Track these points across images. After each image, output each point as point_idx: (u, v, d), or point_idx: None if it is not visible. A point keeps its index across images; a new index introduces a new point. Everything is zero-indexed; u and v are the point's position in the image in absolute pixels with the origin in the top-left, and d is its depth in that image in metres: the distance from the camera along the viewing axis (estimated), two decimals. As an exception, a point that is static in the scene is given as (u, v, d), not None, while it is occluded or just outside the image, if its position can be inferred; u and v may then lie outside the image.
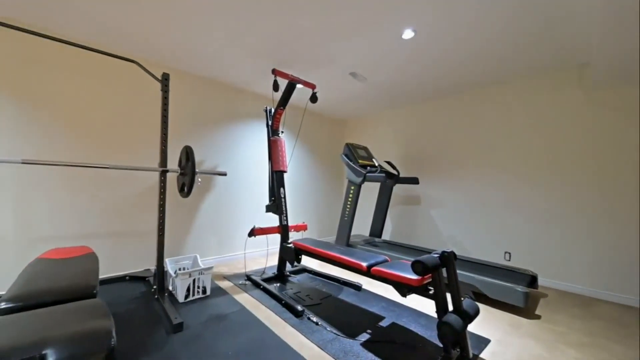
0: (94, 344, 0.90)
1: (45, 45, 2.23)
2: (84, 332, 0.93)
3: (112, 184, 2.52)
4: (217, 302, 2.12)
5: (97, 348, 0.90)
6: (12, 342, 0.87)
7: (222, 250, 3.17)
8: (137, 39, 2.32)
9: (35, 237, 2.21)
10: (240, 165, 3.33)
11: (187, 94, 2.94)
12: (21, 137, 2.15)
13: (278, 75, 2.30)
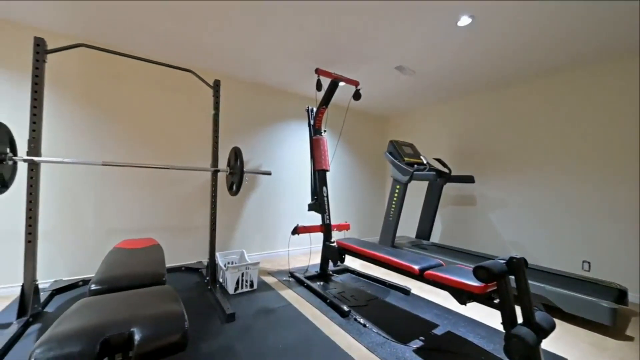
0: (171, 325, 1.02)
1: (116, 62, 2.59)
2: (163, 314, 1.06)
3: (170, 183, 2.83)
4: (263, 296, 2.23)
5: (174, 329, 1.02)
6: (106, 319, 1.03)
7: (265, 247, 3.34)
8: (193, 50, 2.56)
9: (109, 229, 2.59)
10: (283, 164, 3.48)
11: (235, 98, 3.16)
12: (99, 142, 2.54)
13: (321, 74, 2.35)
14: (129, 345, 0.98)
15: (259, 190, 3.30)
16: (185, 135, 2.89)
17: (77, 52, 2.41)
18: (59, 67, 2.36)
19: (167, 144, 2.81)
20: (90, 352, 0.89)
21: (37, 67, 1.81)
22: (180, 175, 2.86)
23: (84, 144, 2.47)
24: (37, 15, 2.12)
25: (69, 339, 0.91)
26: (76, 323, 1.00)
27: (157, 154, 2.75)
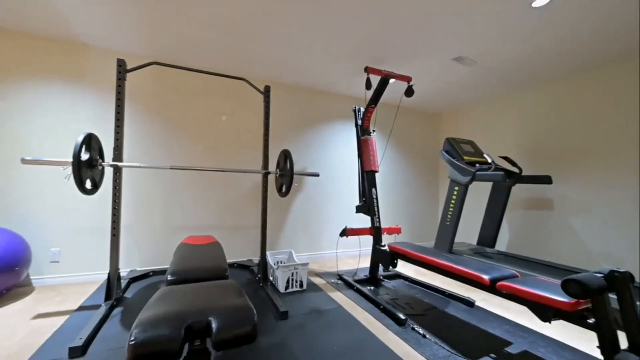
0: (243, 318, 1.11)
1: (179, 76, 2.90)
2: (235, 307, 1.15)
3: (224, 185, 3.07)
4: (313, 296, 2.29)
5: (246, 321, 1.10)
6: (187, 307, 1.17)
7: (312, 248, 3.42)
8: (245, 60, 2.75)
9: (174, 226, 2.92)
10: (329, 165, 3.54)
11: (282, 102, 3.31)
12: (167, 148, 2.89)
13: (371, 72, 2.33)
14: (207, 332, 1.10)
15: (305, 191, 3.40)
16: (238, 139, 3.12)
17: (148, 68, 2.79)
18: (133, 83, 2.75)
19: (223, 148, 3.06)
20: (177, 336, 1.02)
21: (120, 85, 2.14)
22: (233, 178, 3.10)
23: (154, 150, 2.83)
24: (118, 41, 2.49)
25: (159, 323, 1.05)
26: (162, 309, 1.14)
27: (214, 158, 3.02)
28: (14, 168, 2.39)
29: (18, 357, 1.49)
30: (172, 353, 0.99)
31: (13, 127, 2.39)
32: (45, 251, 2.48)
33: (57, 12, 2.10)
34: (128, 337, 0.98)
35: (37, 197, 2.46)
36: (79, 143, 1.77)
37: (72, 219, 2.56)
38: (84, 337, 1.62)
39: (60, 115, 2.52)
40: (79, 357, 1.51)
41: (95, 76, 2.62)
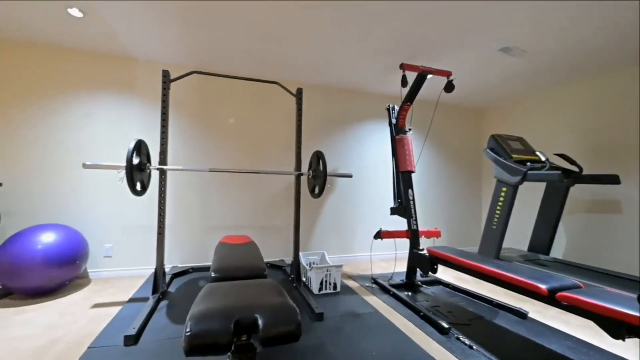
0: (289, 316, 1.14)
1: (215, 83, 3.08)
2: (280, 305, 1.19)
3: (258, 187, 3.19)
4: (347, 299, 2.28)
5: (291, 320, 1.13)
6: (235, 304, 1.23)
7: (344, 250, 3.42)
8: (278, 64, 2.85)
9: (211, 226, 3.08)
10: (361, 166, 3.52)
11: (313, 104, 3.36)
12: (205, 152, 3.07)
13: (407, 69, 2.28)
14: (253, 328, 1.15)
15: (337, 192, 3.42)
16: (271, 141, 3.23)
17: (187, 77, 2.99)
18: (174, 91, 2.97)
19: (256, 151, 3.19)
20: (227, 329, 1.08)
21: (165, 94, 2.32)
22: (265, 179, 3.21)
23: (192, 153, 3.02)
24: (162, 53, 2.72)
25: (211, 317, 1.11)
26: (212, 304, 1.21)
27: (248, 160, 3.15)
28: (76, 172, 2.70)
29: (82, 342, 1.67)
30: (223, 346, 1.05)
31: (75, 136, 2.70)
32: (100, 247, 2.76)
33: (112, 31, 2.34)
34: (184, 329, 1.06)
35: (93, 197, 2.75)
36: (130, 149, 1.96)
37: (122, 218, 2.82)
38: (137, 326, 1.77)
39: (114, 123, 2.80)
40: (133, 345, 1.65)
41: (142, 87, 2.87)
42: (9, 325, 1.82)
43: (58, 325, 1.84)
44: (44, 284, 2.22)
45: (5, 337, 1.69)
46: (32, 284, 2.16)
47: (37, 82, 2.62)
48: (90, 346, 1.62)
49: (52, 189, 2.66)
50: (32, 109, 2.62)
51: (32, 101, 2.62)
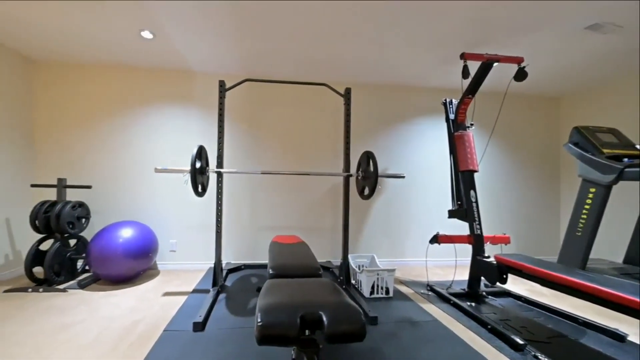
0: (353, 315, 1.17)
1: (265, 88, 3.26)
2: (344, 304, 1.23)
3: (304, 188, 3.29)
4: (402, 306, 2.22)
5: (356, 319, 1.16)
6: (299, 299, 1.30)
7: (394, 254, 3.34)
8: (326, 66, 2.92)
9: (260, 226, 3.27)
10: (413, 166, 3.41)
11: (361, 103, 3.36)
12: (255, 155, 3.27)
13: (468, 58, 2.15)
14: (317, 325, 1.20)
15: (386, 193, 3.36)
16: (317, 143, 3.31)
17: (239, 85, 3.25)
18: (227, 99, 3.23)
19: (304, 153, 3.30)
20: (294, 323, 1.14)
21: (221, 102, 2.54)
22: (312, 181, 3.29)
23: (244, 156, 3.25)
24: (216, 65, 2.99)
25: (280, 310, 1.19)
26: (278, 299, 1.29)
27: (296, 162, 3.28)
28: (148, 176, 3.11)
29: (158, 325, 1.92)
30: (291, 338, 1.12)
31: (148, 144, 3.12)
32: (166, 242, 3.13)
33: (175, 48, 2.66)
34: (255, 319, 1.15)
35: (161, 198, 3.13)
36: (194, 154, 2.19)
37: (184, 217, 3.16)
38: (202, 315, 1.97)
39: (177, 131, 3.16)
40: (200, 331, 1.84)
41: (199, 96, 3.19)
42: (101, 306, 2.17)
43: (138, 309, 2.14)
44: (125, 273, 2.59)
45: (100, 316, 2.02)
46: (115, 272, 2.54)
47: (118, 98, 3.09)
48: (166, 329, 1.85)
49: (130, 191, 3.10)
50: (115, 122, 3.09)
51: (115, 115, 3.09)
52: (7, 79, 2.70)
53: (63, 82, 3.04)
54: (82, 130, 3.05)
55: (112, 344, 1.69)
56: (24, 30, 2.41)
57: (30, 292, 2.41)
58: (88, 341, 1.71)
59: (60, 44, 2.64)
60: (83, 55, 2.86)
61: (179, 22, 2.25)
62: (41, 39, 2.53)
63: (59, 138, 3.03)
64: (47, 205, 2.57)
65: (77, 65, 3.04)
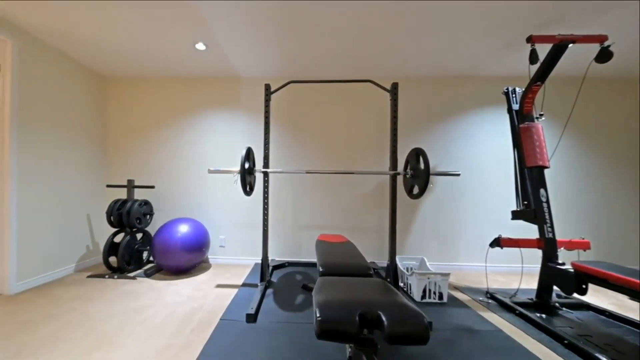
0: (415, 317, 1.14)
1: (307, 89, 3.34)
2: (404, 305, 1.21)
3: (347, 187, 3.29)
4: (457, 312, 2.11)
5: (419, 322, 1.13)
6: (357, 297, 1.31)
7: (445, 257, 3.18)
8: (369, 61, 2.88)
9: (303, 224, 3.35)
10: (466, 163, 3.21)
11: (409, 98, 3.26)
12: (298, 154, 3.37)
13: (537, 41, 1.95)
14: (376, 324, 1.20)
15: (436, 192, 3.21)
16: (360, 141, 3.29)
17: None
18: (272, 100, 3.38)
19: (347, 151, 3.30)
20: (353, 320, 1.15)
21: (267, 104, 2.66)
22: (355, 180, 3.28)
23: (287, 156, 3.36)
24: (262, 69, 3.14)
25: (338, 306, 1.21)
26: (332, 296, 1.32)
27: (338, 161, 3.30)
28: (202, 176, 3.40)
29: (215, 313, 2.08)
30: (350, 335, 1.13)
31: (201, 147, 3.40)
32: (216, 238, 3.37)
33: (225, 57, 2.86)
34: (314, 314, 1.19)
35: (212, 197, 3.39)
36: (244, 155, 2.32)
37: (232, 215, 3.37)
38: (254, 307, 2.09)
39: (225, 134, 3.39)
40: (252, 322, 1.96)
41: (245, 100, 3.39)
42: (165, 294, 2.42)
43: (196, 298, 2.34)
44: (182, 265, 2.85)
45: (165, 302, 2.26)
46: (174, 263, 2.81)
47: (175, 106, 3.43)
48: (222, 318, 2.00)
49: (186, 190, 3.41)
50: (173, 128, 3.43)
51: (172, 121, 3.43)
52: (85, 94, 3.16)
53: (130, 94, 3.47)
54: (145, 136, 3.44)
55: (177, 327, 1.88)
56: (97, 51, 2.80)
57: (107, 278, 2.78)
58: (158, 323, 1.93)
59: (127, 62, 3.04)
60: (146, 71, 3.25)
61: (228, 32, 2.42)
62: (111, 58, 2.92)
63: (127, 144, 3.46)
64: (119, 203, 2.95)
65: (141, 79, 3.45)
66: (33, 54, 2.53)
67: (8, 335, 1.75)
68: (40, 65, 2.60)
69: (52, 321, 1.93)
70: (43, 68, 2.63)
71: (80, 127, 3.09)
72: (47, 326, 1.86)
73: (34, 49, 2.54)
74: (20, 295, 2.34)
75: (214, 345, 1.69)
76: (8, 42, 2.34)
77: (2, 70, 2.36)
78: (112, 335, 1.77)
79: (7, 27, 2.32)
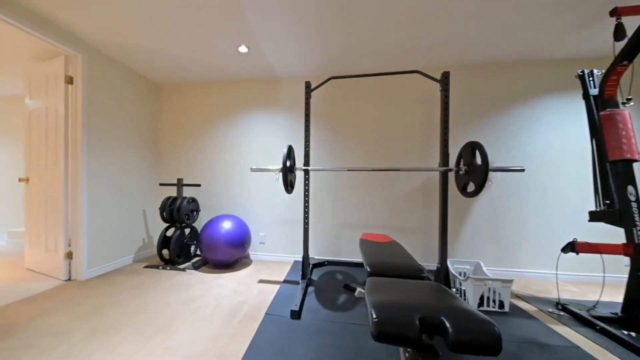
0: (484, 325, 1.04)
1: (344, 84, 3.29)
2: (471, 312, 1.11)
3: (390, 185, 3.17)
4: (523, 324, 1.90)
5: (489, 330, 1.03)
6: (416, 300, 1.24)
7: (501, 262, 2.92)
8: (416, 52, 2.75)
9: (342, 223, 3.30)
10: (528, 157, 2.90)
11: (461, 87, 3.05)
12: (338, 151, 3.33)
13: (623, 14, 1.70)
14: (438, 330, 1.12)
15: (492, 190, 2.95)
16: (405, 135, 3.16)
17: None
18: (312, 98, 3.38)
19: (390, 147, 3.18)
20: (413, 324, 1.09)
21: (307, 102, 2.65)
22: (399, 177, 3.16)
23: (327, 153, 3.34)
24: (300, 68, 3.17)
25: (395, 308, 1.16)
26: (388, 297, 1.26)
27: (382, 157, 3.20)
28: (244, 174, 3.53)
29: (260, 307, 2.13)
30: (411, 339, 1.07)
31: (243, 146, 3.53)
32: (257, 234, 3.47)
33: (265, 58, 2.94)
34: (369, 315, 1.15)
35: (253, 194, 3.50)
36: (285, 153, 2.34)
37: (271, 212, 3.45)
38: (298, 304, 2.10)
39: (265, 134, 3.48)
40: (297, 319, 1.97)
41: (285, 100, 3.44)
42: (212, 286, 2.54)
43: (241, 291, 2.43)
44: (226, 259, 2.98)
45: (213, 294, 2.37)
46: (219, 258, 2.95)
47: (219, 108, 3.61)
48: (267, 312, 2.05)
49: (229, 188, 3.57)
50: (216, 129, 3.62)
51: (216, 123, 3.62)
52: (140, 100, 3.46)
53: (178, 99, 3.74)
54: (192, 138, 3.68)
55: (225, 319, 1.96)
56: (149, 60, 3.06)
57: (161, 269, 3.01)
58: (208, 313, 2.03)
59: (176, 70, 3.29)
60: (192, 77, 3.49)
61: (269, 33, 2.48)
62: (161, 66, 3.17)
63: (177, 145, 3.73)
64: (170, 200, 3.17)
65: (188, 85, 3.70)
66: (97, 65, 2.83)
67: (83, 316, 1.97)
68: (103, 75, 2.90)
69: (117, 306, 2.13)
70: (105, 78, 2.93)
71: (136, 130, 3.39)
72: (113, 310, 2.06)
73: (98, 61, 2.84)
74: (90, 282, 2.62)
75: (261, 338, 1.73)
76: (79, 56, 2.64)
77: (75, 81, 2.67)
78: (169, 322, 1.90)
79: (78, 43, 2.62)
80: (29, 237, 2.90)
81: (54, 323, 1.87)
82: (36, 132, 2.83)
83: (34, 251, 2.87)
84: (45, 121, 2.76)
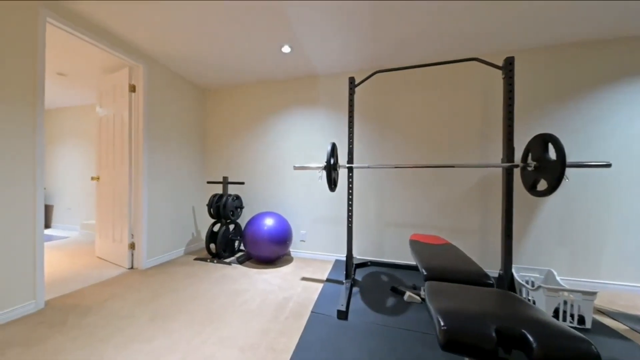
0: (577, 343, 0.89)
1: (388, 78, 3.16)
2: (558, 326, 0.96)
3: (440, 182, 2.96)
4: (612, 345, 1.62)
5: (585, 349, 0.87)
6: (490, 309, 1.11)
7: (578, 271, 2.54)
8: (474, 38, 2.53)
9: (387, 222, 3.17)
10: (610, 151, 2.51)
11: (526, 74, 2.74)
12: (384, 148, 3.21)
13: None
14: (517, 343, 0.98)
15: (565, 188, 2.60)
16: (459, 129, 2.92)
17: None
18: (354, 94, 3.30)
19: (442, 142, 2.96)
20: (489, 335, 0.97)
21: (351, 98, 2.57)
22: (453, 174, 2.93)
23: (371, 150, 3.23)
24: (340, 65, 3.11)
25: (465, 317, 1.04)
26: (457, 305, 1.14)
27: (432, 153, 3.01)
28: (285, 172, 3.58)
29: (305, 305, 2.12)
30: (486, 352, 0.95)
31: (285, 144, 3.58)
32: (298, 232, 3.49)
33: (307, 57, 2.93)
34: (436, 323, 1.05)
35: (295, 192, 3.53)
36: (329, 151, 2.28)
37: (312, 210, 3.44)
38: (344, 304, 2.04)
39: (305, 132, 3.48)
40: (344, 319, 1.91)
41: (323, 97, 3.41)
42: (257, 281, 2.60)
43: (284, 288, 2.45)
44: (269, 255, 3.03)
45: (259, 288, 2.42)
46: (262, 254, 3.01)
47: (261, 108, 3.71)
48: (313, 311, 2.02)
49: (271, 185, 3.65)
50: (259, 128, 3.72)
51: (258, 122, 3.72)
52: (189, 104, 3.69)
53: (223, 102, 3.93)
54: (237, 137, 3.83)
55: (272, 314, 1.98)
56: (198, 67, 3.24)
57: (209, 262, 3.18)
58: (255, 307, 2.07)
59: (220, 75, 3.46)
60: (235, 80, 3.64)
61: (312, 31, 2.46)
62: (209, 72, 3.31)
63: (222, 144, 3.92)
64: (217, 197, 3.33)
65: (232, 88, 3.87)
66: (154, 74, 3.07)
67: (145, 302, 2.14)
68: (158, 83, 3.14)
69: (173, 294, 2.27)
70: (160, 85, 3.17)
71: (187, 132, 3.63)
72: (170, 298, 2.21)
73: (155, 70, 3.08)
74: (148, 271, 2.86)
75: (309, 336, 1.71)
76: (140, 66, 2.89)
77: (137, 89, 2.93)
78: (220, 313, 1.98)
79: (139, 54, 2.86)
80: (99, 229, 3.25)
81: (120, 307, 2.05)
82: (105, 136, 3.16)
83: (103, 241, 3.21)
84: (113, 126, 3.06)
